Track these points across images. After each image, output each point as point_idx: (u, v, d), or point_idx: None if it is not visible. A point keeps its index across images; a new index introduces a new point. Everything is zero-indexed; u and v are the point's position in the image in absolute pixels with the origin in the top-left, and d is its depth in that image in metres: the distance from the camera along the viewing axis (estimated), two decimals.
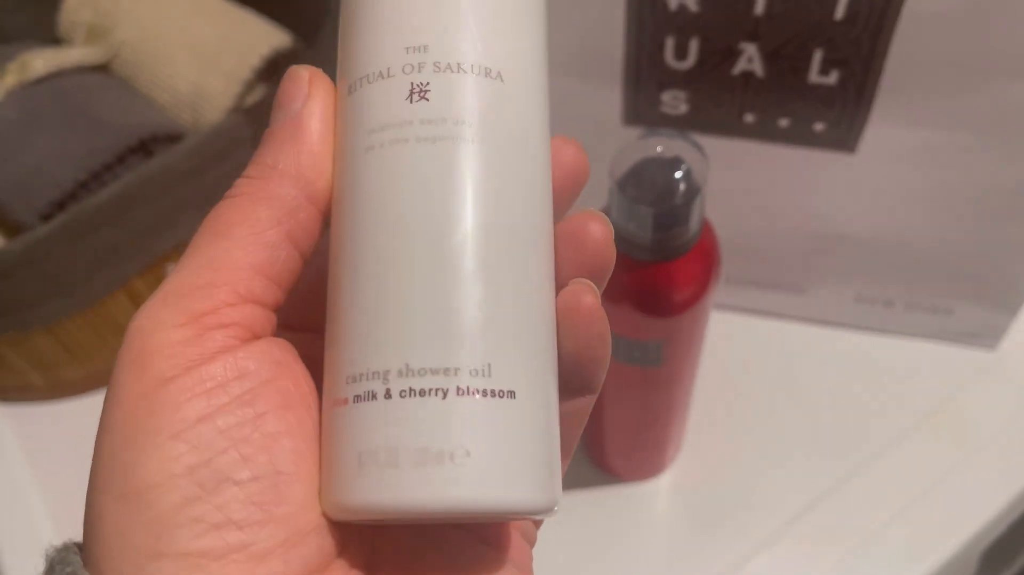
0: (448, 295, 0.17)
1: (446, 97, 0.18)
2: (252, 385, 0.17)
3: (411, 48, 0.18)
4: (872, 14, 0.35)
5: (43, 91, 0.48)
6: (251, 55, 0.49)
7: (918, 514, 0.43)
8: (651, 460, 0.44)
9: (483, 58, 0.18)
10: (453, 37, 0.18)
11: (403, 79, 0.18)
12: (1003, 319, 0.46)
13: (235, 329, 0.17)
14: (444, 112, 0.18)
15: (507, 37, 0.19)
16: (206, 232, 0.18)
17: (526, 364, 0.18)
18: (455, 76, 0.18)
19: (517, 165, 0.18)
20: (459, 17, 0.18)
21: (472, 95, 0.18)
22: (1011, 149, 0.38)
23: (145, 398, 0.16)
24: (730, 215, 0.44)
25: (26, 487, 0.47)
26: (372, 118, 0.18)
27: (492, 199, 0.18)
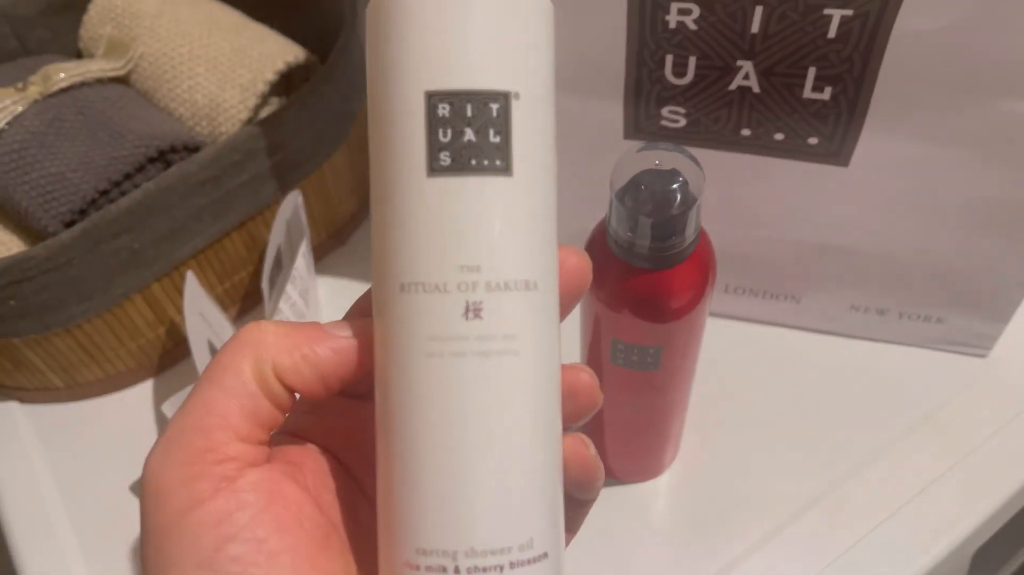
0: (503, 488, 0.20)
1: (497, 314, 0.20)
2: (253, 513, 0.20)
3: (465, 267, 0.20)
4: (864, 33, 0.36)
5: (65, 102, 0.50)
6: (267, 69, 0.51)
7: (911, 517, 0.44)
8: (649, 462, 0.45)
9: (524, 273, 0.20)
10: (501, 258, 0.20)
11: (458, 296, 0.20)
12: (994, 328, 0.48)
13: (233, 463, 0.21)
14: (495, 329, 0.20)
15: (544, 247, 0.21)
16: (206, 376, 0.21)
17: (553, 528, 0.22)
18: (503, 294, 0.20)
19: (549, 365, 0.21)
20: (509, 238, 0.20)
21: (518, 310, 0.20)
22: (1000, 163, 0.40)
23: (168, 530, 0.20)
24: (727, 226, 0.46)
25: (45, 486, 0.48)
26: (431, 327, 0.20)
27: (534, 403, 0.21)
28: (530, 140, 0.20)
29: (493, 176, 0.20)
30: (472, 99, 0.20)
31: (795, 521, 0.44)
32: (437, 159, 0.20)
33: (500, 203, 0.20)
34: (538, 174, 0.21)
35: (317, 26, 0.55)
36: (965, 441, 0.46)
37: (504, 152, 0.20)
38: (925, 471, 0.45)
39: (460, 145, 0.20)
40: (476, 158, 0.20)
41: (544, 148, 0.21)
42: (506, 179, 0.20)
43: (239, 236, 0.51)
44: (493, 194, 0.20)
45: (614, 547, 0.44)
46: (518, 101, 0.20)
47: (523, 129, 0.20)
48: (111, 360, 0.50)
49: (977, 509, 0.44)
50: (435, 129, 0.20)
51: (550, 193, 0.21)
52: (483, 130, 0.20)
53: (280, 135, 0.48)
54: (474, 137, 0.20)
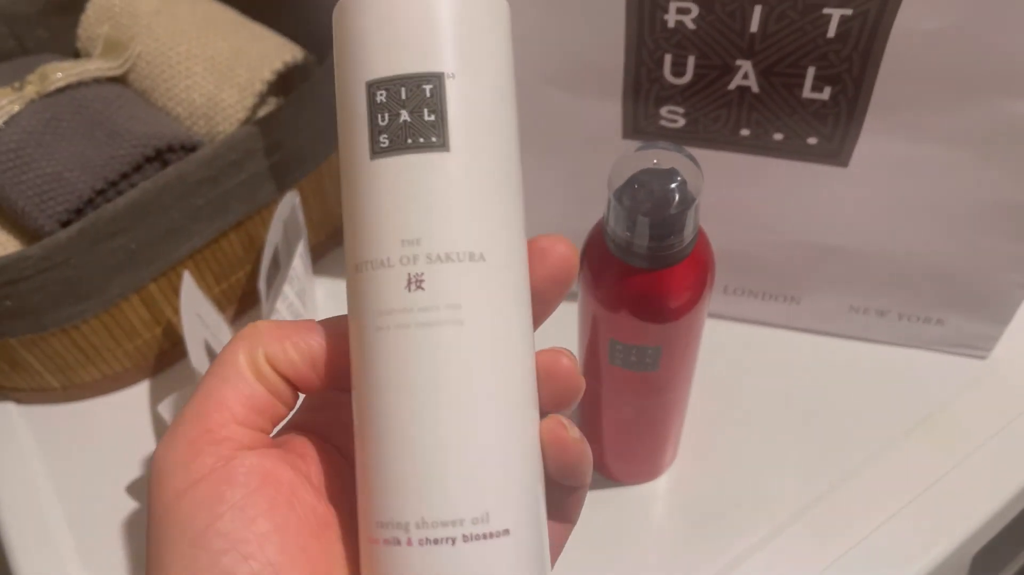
0: (451, 460, 0.21)
1: (439, 285, 0.21)
2: (245, 493, 0.21)
3: (405, 241, 0.21)
4: (863, 32, 0.36)
5: (62, 102, 0.50)
6: (264, 69, 0.51)
7: (910, 519, 0.43)
8: (648, 464, 0.45)
9: (467, 244, 0.21)
10: (441, 229, 0.21)
11: (401, 269, 0.21)
12: (994, 329, 0.47)
13: (229, 444, 0.22)
14: (437, 299, 0.21)
15: (490, 220, 0.21)
16: (210, 371, 0.23)
17: (519, 505, 0.21)
18: (445, 265, 0.21)
19: (504, 337, 0.21)
20: (447, 210, 0.21)
21: (461, 281, 0.21)
22: (1000, 163, 0.39)
23: (167, 510, 0.21)
24: (727, 226, 0.45)
25: (42, 487, 0.48)
26: (379, 302, 0.21)
27: (484, 373, 0.21)
28: (470, 116, 0.21)
29: (430, 152, 0.21)
30: (406, 83, 0.21)
31: (795, 522, 0.44)
32: (377, 142, 0.21)
33: (438, 177, 0.21)
34: (483, 148, 0.21)
35: (315, 25, 0.55)
36: (965, 442, 0.46)
37: (439, 129, 0.21)
38: (925, 473, 0.45)
39: (396, 126, 0.21)
40: (412, 137, 0.21)
41: (489, 124, 0.21)
42: (443, 154, 0.21)
43: (236, 236, 0.51)
44: (430, 169, 0.21)
45: (613, 548, 0.44)
46: (453, 80, 0.21)
47: (461, 106, 0.21)
48: (108, 360, 0.50)
49: (977, 511, 0.44)
50: (374, 115, 0.21)
51: (500, 168, 0.22)
52: (417, 110, 0.21)
53: (278, 135, 0.48)
54: (409, 117, 0.21)
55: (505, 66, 0.22)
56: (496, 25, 0.22)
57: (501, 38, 0.22)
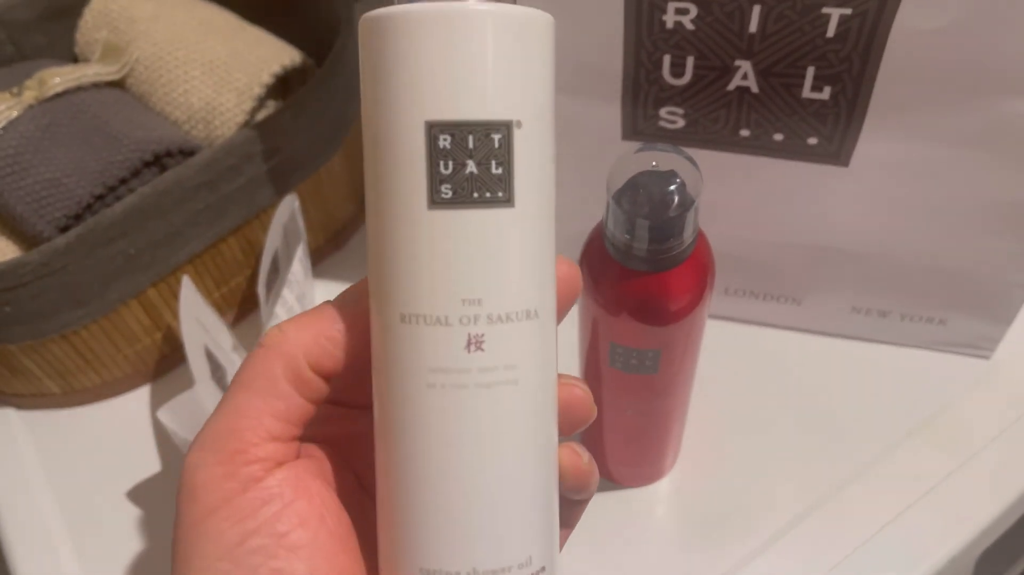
0: (503, 511, 0.21)
1: (499, 346, 0.20)
2: (277, 508, 0.21)
3: (467, 301, 0.20)
4: (862, 32, 0.36)
5: (60, 107, 0.50)
6: (263, 72, 0.51)
7: (914, 520, 0.43)
8: (650, 466, 0.45)
9: (526, 303, 0.20)
10: (503, 290, 0.20)
11: (460, 329, 0.20)
12: (997, 329, 0.47)
13: (262, 463, 0.22)
14: (497, 360, 0.20)
15: (543, 275, 0.21)
16: (235, 380, 0.22)
17: (550, 542, 0.22)
18: (505, 326, 0.20)
19: (548, 390, 0.22)
20: (509, 269, 0.20)
21: (519, 341, 0.21)
22: (1002, 162, 0.39)
23: (196, 526, 0.21)
24: (727, 227, 0.45)
25: (42, 493, 0.48)
26: (433, 359, 0.20)
27: (532, 428, 0.21)
28: (532, 169, 0.20)
29: (496, 208, 0.20)
30: (474, 130, 0.19)
31: (798, 525, 0.44)
32: (439, 191, 0.19)
33: (502, 235, 0.20)
34: (540, 203, 0.21)
35: (314, 29, 0.55)
36: (969, 443, 0.46)
37: (506, 183, 0.20)
38: (929, 474, 0.45)
39: (462, 177, 0.19)
40: (478, 190, 0.19)
41: (545, 175, 0.21)
42: (509, 210, 0.20)
43: (236, 241, 0.50)
44: (496, 226, 0.20)
45: (615, 552, 0.44)
46: (520, 130, 0.20)
47: (525, 158, 0.20)
48: (107, 366, 0.50)
49: (982, 512, 0.43)
50: (436, 161, 0.19)
51: (551, 220, 0.21)
52: (485, 161, 0.19)
53: (276, 139, 0.48)
54: (476, 169, 0.19)
55: (553, 104, 0.21)
56: (552, 61, 0.21)
57: (553, 74, 0.21)
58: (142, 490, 0.48)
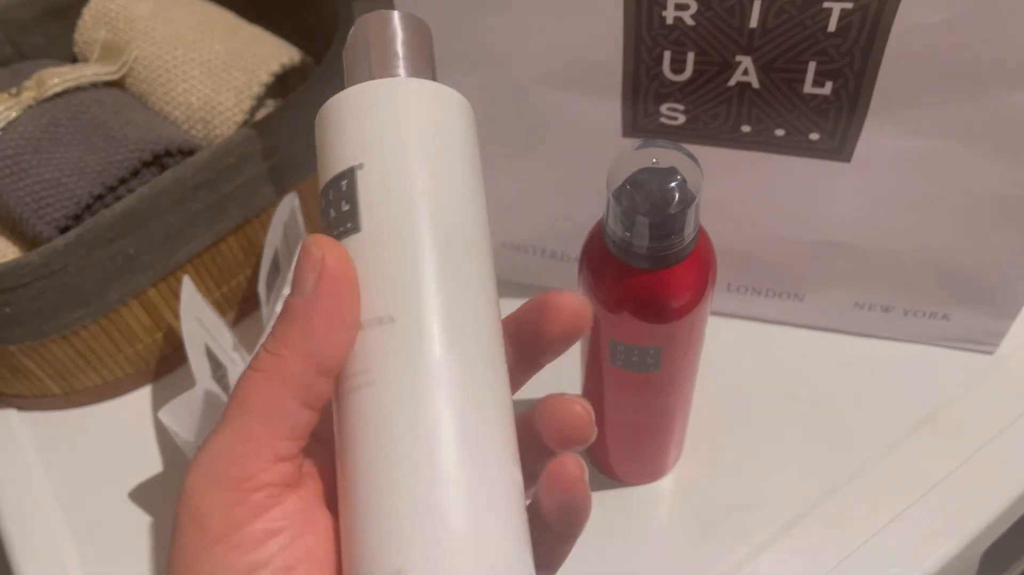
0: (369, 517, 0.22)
1: (358, 351, 0.23)
2: (285, 541, 0.21)
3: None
4: (864, 26, 0.35)
5: (59, 107, 0.50)
6: (262, 71, 0.51)
7: (918, 516, 0.43)
8: (653, 464, 0.45)
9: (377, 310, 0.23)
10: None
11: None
12: (1001, 324, 0.47)
13: (270, 489, 0.22)
14: (356, 365, 0.23)
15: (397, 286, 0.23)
16: (236, 405, 0.22)
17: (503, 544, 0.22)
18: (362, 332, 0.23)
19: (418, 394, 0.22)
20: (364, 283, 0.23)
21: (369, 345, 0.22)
22: (1006, 157, 0.39)
23: (203, 554, 0.21)
24: (729, 223, 0.45)
25: (44, 494, 0.48)
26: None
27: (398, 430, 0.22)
28: (378, 199, 0.23)
29: (349, 237, 0.23)
30: (334, 183, 0.24)
31: (802, 521, 0.43)
32: (330, 236, 0.24)
33: (355, 258, 0.23)
34: (392, 227, 0.23)
35: (312, 27, 0.55)
36: (973, 439, 0.46)
37: (353, 215, 0.23)
38: (933, 470, 0.45)
39: (331, 221, 0.24)
40: (337, 228, 0.24)
41: (399, 204, 0.23)
42: (356, 236, 0.23)
43: (236, 240, 0.50)
44: (351, 252, 0.23)
45: (617, 550, 0.44)
46: (362, 170, 0.23)
47: (371, 192, 0.23)
48: (108, 366, 0.50)
49: (986, 507, 0.43)
50: (327, 214, 0.24)
51: (411, 239, 0.23)
52: (338, 204, 0.23)
53: (276, 137, 0.48)
54: (335, 212, 0.24)
55: (423, 153, 0.24)
56: (405, 118, 0.24)
57: (423, 128, 0.24)
58: (144, 490, 0.48)
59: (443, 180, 0.24)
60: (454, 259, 0.23)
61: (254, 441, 0.22)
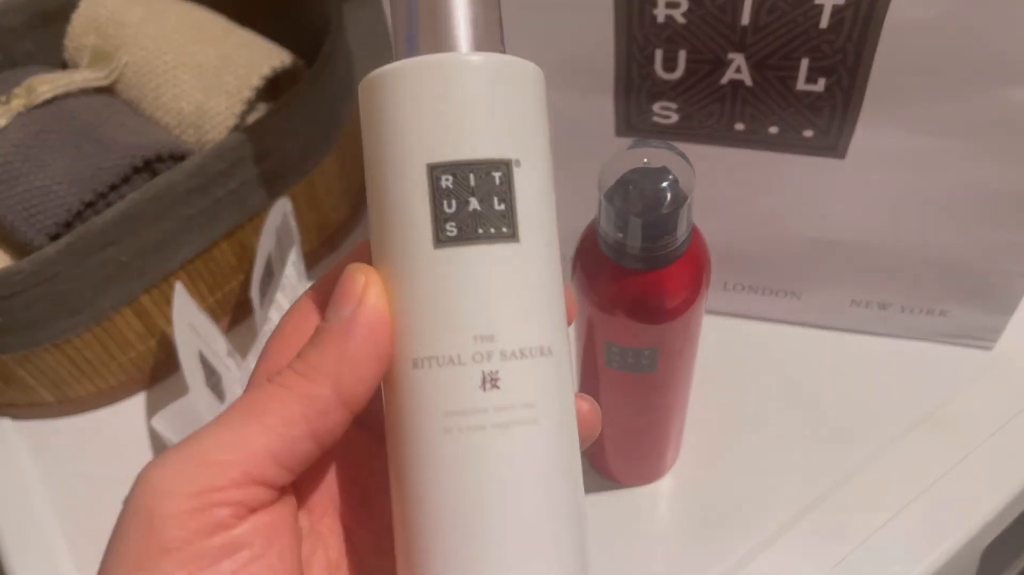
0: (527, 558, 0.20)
1: (515, 383, 0.20)
2: (243, 561, 0.19)
3: (479, 337, 0.20)
4: (856, 23, 0.35)
5: (49, 114, 0.49)
6: (252, 75, 0.50)
7: (918, 514, 0.43)
8: (651, 465, 0.45)
9: (539, 338, 0.20)
10: (515, 324, 0.20)
11: (474, 367, 0.20)
12: (998, 320, 0.47)
13: (236, 507, 0.19)
14: (514, 398, 0.20)
15: (554, 311, 0.21)
16: (242, 408, 0.20)
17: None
18: (520, 362, 0.20)
19: (570, 429, 0.21)
20: (520, 303, 0.20)
21: (536, 377, 0.20)
22: (1000, 152, 0.39)
23: (147, 561, 0.18)
24: (725, 221, 0.45)
25: (38, 502, 0.47)
26: (448, 402, 0.20)
27: (556, 470, 0.20)
28: (534, 205, 0.20)
29: (501, 243, 0.20)
30: (475, 169, 0.20)
31: (801, 520, 0.43)
32: (443, 230, 0.20)
33: (510, 269, 0.20)
34: (544, 239, 0.21)
35: (303, 30, 0.55)
36: (973, 435, 0.45)
37: (510, 219, 0.20)
38: (932, 467, 0.44)
39: (465, 215, 0.20)
40: (483, 226, 0.20)
41: (547, 211, 0.21)
42: (514, 245, 0.20)
43: (229, 245, 0.50)
44: (502, 261, 0.20)
45: (616, 551, 0.43)
46: (519, 168, 0.20)
47: (526, 195, 0.20)
48: (102, 374, 0.49)
49: (986, 504, 0.43)
50: (439, 200, 0.20)
51: (556, 257, 0.21)
52: (487, 198, 0.20)
53: (267, 141, 0.48)
54: (479, 206, 0.20)
55: (549, 149, 0.21)
56: (544, 105, 0.21)
57: (546, 118, 0.21)
58: None
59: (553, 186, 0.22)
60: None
61: (242, 449, 0.19)
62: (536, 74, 0.21)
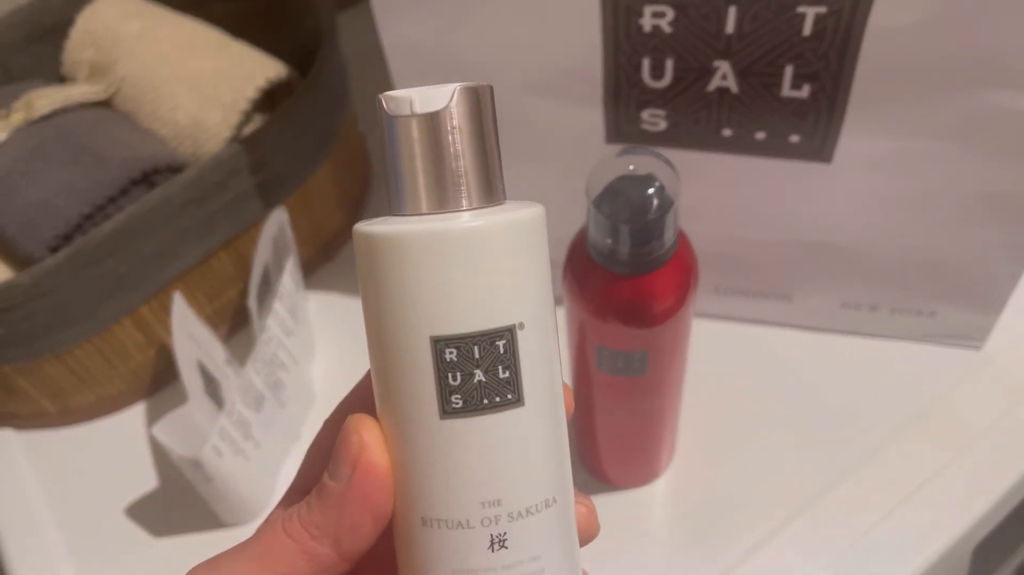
0: None
1: (522, 541, 0.20)
2: None
3: (486, 503, 0.20)
4: (839, 30, 0.36)
5: (48, 128, 0.50)
6: (248, 87, 0.51)
7: (909, 513, 0.43)
8: (644, 467, 0.45)
9: (544, 494, 0.21)
10: (521, 487, 0.20)
11: (482, 531, 0.20)
12: (986, 320, 0.47)
13: None
14: (522, 554, 0.20)
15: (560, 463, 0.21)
16: (257, 552, 0.21)
17: None
18: (527, 521, 0.20)
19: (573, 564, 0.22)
20: (526, 466, 0.20)
21: (542, 532, 0.21)
22: (983, 154, 0.39)
23: None
24: (715, 226, 0.45)
25: (40, 511, 0.48)
26: (457, 562, 0.20)
27: None
28: (538, 365, 0.20)
29: (506, 411, 0.20)
30: (479, 340, 0.19)
31: (793, 521, 0.44)
32: (449, 402, 0.20)
33: (515, 435, 0.20)
34: (549, 396, 0.21)
35: (298, 42, 0.55)
36: (963, 434, 0.46)
37: (514, 385, 0.20)
38: (923, 466, 0.45)
39: (471, 387, 0.20)
40: (488, 397, 0.20)
41: (552, 368, 0.21)
42: (519, 410, 0.20)
43: (226, 255, 0.51)
44: (508, 428, 0.20)
45: (611, 553, 0.44)
46: (523, 331, 0.20)
47: (531, 357, 0.20)
48: (102, 384, 0.50)
49: (977, 503, 0.43)
50: (444, 374, 0.20)
51: (560, 407, 0.21)
52: (492, 369, 0.20)
53: (262, 152, 0.48)
54: (484, 377, 0.20)
55: (552, 299, 0.21)
56: (545, 259, 0.21)
57: (548, 271, 0.21)
58: (140, 506, 0.48)
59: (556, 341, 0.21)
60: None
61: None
62: (536, 221, 0.21)
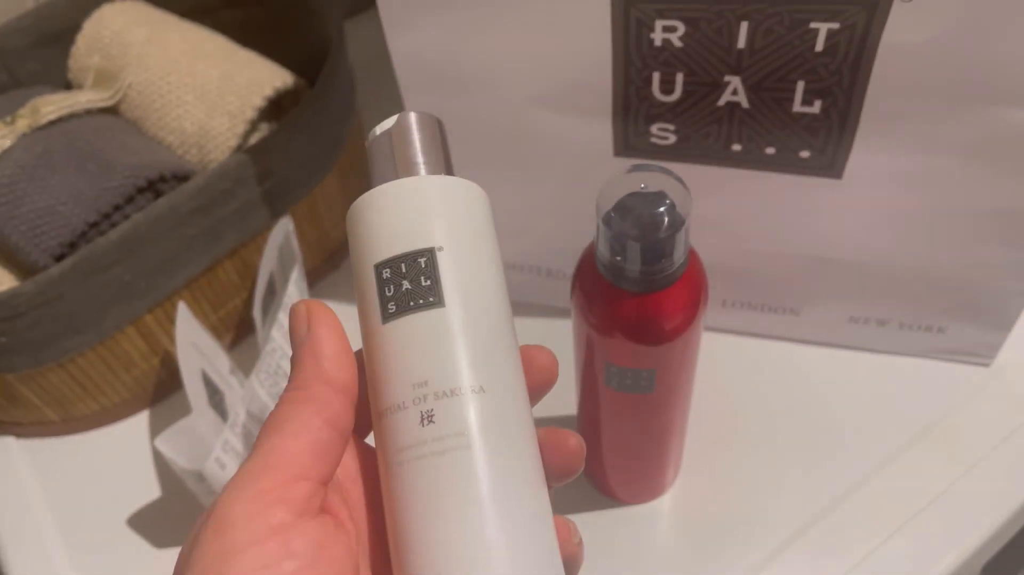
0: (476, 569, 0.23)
1: (448, 417, 0.24)
2: (299, 565, 0.22)
3: (415, 384, 0.24)
4: (851, 45, 0.35)
5: (54, 135, 0.50)
6: (255, 95, 0.51)
7: (917, 530, 0.43)
8: (651, 483, 0.45)
9: (469, 380, 0.24)
10: (445, 371, 0.24)
11: (414, 409, 0.24)
12: (996, 337, 0.47)
13: (292, 504, 0.23)
14: (447, 429, 0.24)
15: (485, 359, 0.25)
16: (266, 429, 0.24)
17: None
18: (452, 399, 0.24)
19: (509, 453, 0.24)
20: (448, 354, 0.24)
21: (466, 411, 0.24)
22: (995, 171, 0.39)
23: (221, 559, 0.22)
24: (723, 241, 0.45)
25: (43, 520, 0.48)
26: (398, 440, 0.24)
27: (495, 486, 0.23)
28: (459, 278, 0.25)
29: (429, 310, 0.25)
30: (404, 259, 0.25)
31: (800, 538, 0.43)
32: (387, 309, 0.25)
33: (438, 328, 0.24)
34: (473, 303, 0.25)
35: (305, 50, 0.55)
36: (971, 451, 0.46)
37: (435, 292, 0.25)
38: (931, 484, 0.45)
39: (400, 294, 0.25)
40: (413, 300, 0.25)
41: (475, 284, 0.25)
42: (440, 310, 0.25)
43: (232, 264, 0.50)
44: (431, 323, 0.24)
45: (618, 569, 0.44)
46: (443, 252, 0.25)
47: (450, 272, 0.25)
48: (106, 392, 0.50)
49: (986, 521, 0.43)
50: (382, 288, 0.25)
51: (488, 317, 0.25)
52: (416, 279, 0.25)
53: (269, 161, 0.48)
54: (410, 285, 0.25)
55: (484, 241, 0.26)
56: (474, 210, 0.26)
57: (479, 220, 0.26)
58: (142, 516, 0.48)
59: (495, 265, 0.26)
60: (511, 334, 0.26)
61: (279, 454, 0.23)
62: (468, 188, 0.27)
